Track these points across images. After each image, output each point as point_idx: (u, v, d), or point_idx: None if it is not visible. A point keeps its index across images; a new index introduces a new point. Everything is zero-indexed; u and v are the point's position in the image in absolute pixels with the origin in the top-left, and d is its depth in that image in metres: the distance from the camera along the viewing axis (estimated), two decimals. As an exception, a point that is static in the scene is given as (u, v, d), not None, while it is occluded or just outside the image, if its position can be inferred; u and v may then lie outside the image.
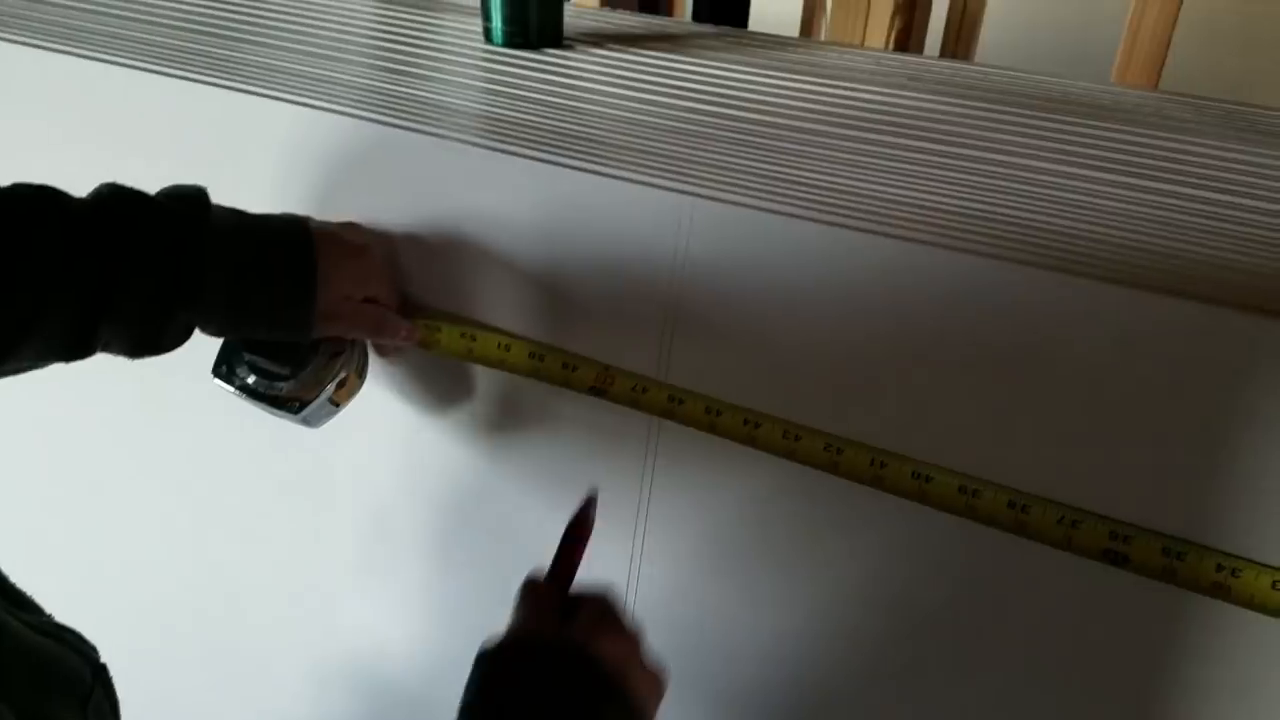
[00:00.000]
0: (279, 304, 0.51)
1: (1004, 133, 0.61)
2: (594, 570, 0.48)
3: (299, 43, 0.72)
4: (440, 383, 0.61)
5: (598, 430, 0.54)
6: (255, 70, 0.65)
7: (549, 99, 0.63)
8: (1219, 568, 0.43)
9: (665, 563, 0.57)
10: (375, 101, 0.60)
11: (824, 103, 0.65)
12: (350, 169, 0.59)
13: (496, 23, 0.72)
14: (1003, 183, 0.53)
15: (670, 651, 0.44)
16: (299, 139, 0.60)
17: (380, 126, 0.57)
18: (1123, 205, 0.51)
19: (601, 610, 0.45)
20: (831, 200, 0.50)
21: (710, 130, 0.59)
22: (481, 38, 0.74)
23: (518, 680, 0.41)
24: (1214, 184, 0.55)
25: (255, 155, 0.62)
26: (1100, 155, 0.58)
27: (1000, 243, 0.46)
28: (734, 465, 0.53)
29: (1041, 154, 0.58)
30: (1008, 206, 0.50)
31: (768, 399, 0.51)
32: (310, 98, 0.60)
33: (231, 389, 0.57)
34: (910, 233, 0.47)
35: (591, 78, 0.68)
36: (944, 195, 0.51)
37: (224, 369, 0.57)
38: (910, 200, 0.50)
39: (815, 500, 0.52)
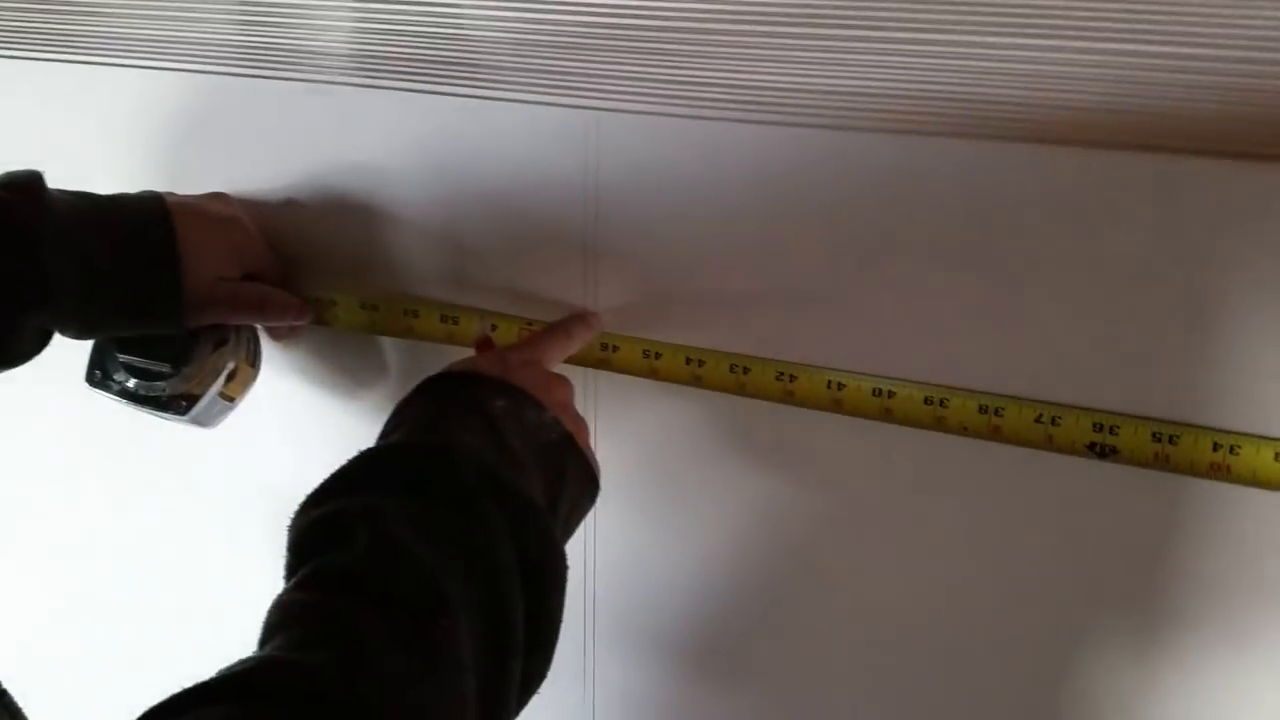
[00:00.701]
0: (140, 294, 0.46)
1: (941, 12, 0.56)
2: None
3: (144, 6, 0.64)
4: (345, 361, 0.56)
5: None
6: (94, 40, 0.57)
7: (427, 29, 0.56)
8: (1215, 446, 0.41)
9: (614, 516, 0.53)
10: (229, 55, 0.53)
11: None
12: (207, 132, 0.53)
13: (362, -45, 0.65)
14: (945, 61, 0.48)
15: (621, 602, 0.40)
16: (144, 106, 0.54)
17: (232, 79, 0.51)
18: (1076, 69, 0.46)
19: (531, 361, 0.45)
20: (752, 98, 0.45)
21: (612, 42, 0.53)
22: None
23: (421, 393, 0.43)
24: (1177, 38, 0.50)
25: (97, 131, 0.55)
26: (1045, 22, 0.53)
27: (940, 119, 0.42)
28: (681, 406, 0.49)
29: (987, 29, 0.52)
30: (950, 84, 0.45)
31: (708, 328, 0.47)
32: (156, 60, 0.53)
33: (109, 395, 0.51)
34: (845, 121, 0.42)
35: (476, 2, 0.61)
36: (882, 80, 0.46)
37: (98, 374, 0.51)
38: (843, 89, 0.45)
39: (772, 433, 0.48)
